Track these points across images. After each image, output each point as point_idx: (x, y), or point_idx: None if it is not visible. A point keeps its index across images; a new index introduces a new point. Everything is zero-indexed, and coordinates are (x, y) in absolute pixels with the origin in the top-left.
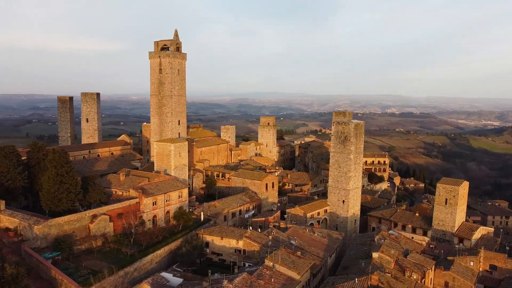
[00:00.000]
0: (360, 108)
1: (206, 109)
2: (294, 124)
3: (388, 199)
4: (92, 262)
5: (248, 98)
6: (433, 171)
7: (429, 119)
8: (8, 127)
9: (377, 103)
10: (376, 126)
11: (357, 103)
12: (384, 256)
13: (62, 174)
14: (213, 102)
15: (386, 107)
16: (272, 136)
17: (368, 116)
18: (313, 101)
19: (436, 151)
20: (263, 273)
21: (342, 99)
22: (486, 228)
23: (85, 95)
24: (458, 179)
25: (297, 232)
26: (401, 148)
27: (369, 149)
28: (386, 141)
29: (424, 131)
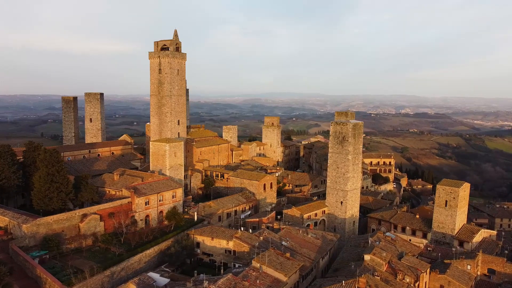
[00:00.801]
0: (374, 108)
1: (219, 110)
2: (307, 125)
3: (390, 201)
4: (80, 261)
5: (261, 98)
6: (447, 173)
7: (444, 120)
8: (24, 127)
9: (391, 103)
10: (389, 127)
11: (371, 103)
12: (376, 258)
13: (53, 174)
14: (226, 102)
15: (400, 107)
16: (276, 136)
17: (382, 116)
18: (326, 101)
19: (450, 152)
20: (248, 274)
21: (356, 99)
22: (488, 231)
23: (89, 95)
24: (459, 180)
25: (290, 233)
26: (414, 149)
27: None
28: (399, 142)
29: (439, 132)
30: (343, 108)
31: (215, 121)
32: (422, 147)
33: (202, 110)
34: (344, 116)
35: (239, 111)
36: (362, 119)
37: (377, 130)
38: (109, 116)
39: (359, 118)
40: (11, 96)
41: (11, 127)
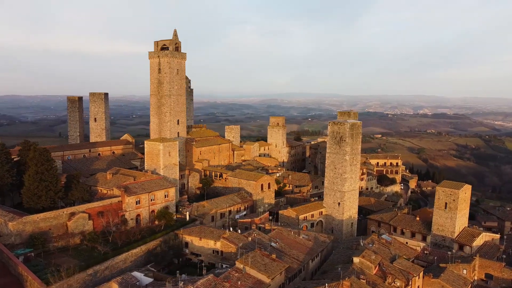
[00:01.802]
0: (391, 108)
1: (235, 110)
2: (322, 125)
3: (394, 202)
4: (65, 259)
5: (277, 98)
6: (464, 174)
7: (463, 121)
8: (44, 127)
9: (409, 103)
10: (406, 127)
11: (388, 103)
12: (365, 261)
13: (42, 172)
14: (242, 102)
15: (418, 107)
16: (282, 136)
17: (399, 117)
18: (342, 102)
19: (468, 154)
20: (231, 275)
21: (373, 100)
22: (490, 234)
23: (93, 95)
24: (459, 182)
25: (281, 234)
26: (431, 150)
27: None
28: (416, 143)
29: (457, 133)
30: (359, 108)
31: (231, 121)
32: (439, 148)
33: (218, 111)
34: (346, 116)
35: (254, 112)
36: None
37: (394, 131)
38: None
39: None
40: (32, 97)
41: (31, 127)
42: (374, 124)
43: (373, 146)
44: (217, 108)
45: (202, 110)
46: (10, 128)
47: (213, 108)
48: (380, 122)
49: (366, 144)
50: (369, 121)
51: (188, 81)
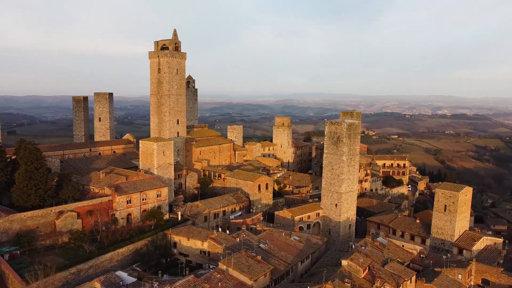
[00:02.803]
0: (409, 109)
1: (251, 110)
2: None
3: (397, 204)
4: (51, 258)
5: (293, 99)
6: (483, 176)
7: (483, 121)
8: (63, 126)
9: (428, 104)
10: (424, 128)
11: (406, 104)
12: (353, 264)
13: (32, 171)
14: (257, 103)
15: (437, 108)
16: (287, 136)
17: (417, 117)
18: (359, 102)
19: (488, 155)
20: (212, 277)
21: (390, 100)
22: (492, 238)
23: (98, 95)
24: (460, 184)
25: (272, 235)
26: (449, 151)
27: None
28: (434, 144)
29: (477, 134)
30: (377, 109)
31: (246, 121)
32: (457, 149)
33: (233, 111)
34: (349, 116)
35: (270, 112)
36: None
37: (411, 132)
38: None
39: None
40: (52, 97)
41: (50, 126)
42: (391, 124)
43: (389, 147)
44: (233, 108)
45: (218, 110)
46: (30, 128)
47: (229, 108)
48: (397, 122)
49: (381, 145)
50: (386, 121)
51: (192, 81)
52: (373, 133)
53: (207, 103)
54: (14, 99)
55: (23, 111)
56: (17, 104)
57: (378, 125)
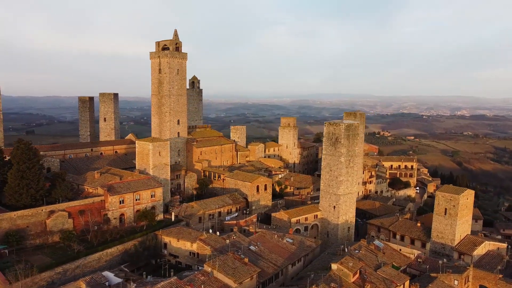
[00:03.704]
0: (427, 110)
1: (266, 111)
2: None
3: (401, 207)
4: (39, 257)
5: (309, 99)
6: (501, 178)
7: (504, 122)
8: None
9: (446, 105)
10: (442, 129)
11: (424, 104)
12: (343, 268)
13: (24, 170)
14: (273, 103)
15: (456, 109)
16: (293, 137)
17: (435, 118)
18: (376, 103)
19: (507, 157)
20: (196, 279)
21: (408, 101)
22: (495, 243)
23: (103, 95)
24: (461, 187)
25: (264, 237)
26: (466, 153)
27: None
28: (451, 145)
29: (496, 135)
30: (394, 109)
31: (261, 122)
32: (476, 151)
33: (249, 111)
34: (353, 117)
35: (286, 112)
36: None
37: (428, 133)
38: None
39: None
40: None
41: (69, 126)
42: (407, 125)
43: (404, 148)
44: (248, 109)
45: (233, 110)
46: (49, 128)
47: (244, 108)
48: (414, 123)
49: (397, 146)
50: (403, 122)
51: (197, 82)
52: (389, 134)
53: (222, 104)
54: (34, 99)
55: (42, 111)
56: (37, 104)
57: (395, 126)
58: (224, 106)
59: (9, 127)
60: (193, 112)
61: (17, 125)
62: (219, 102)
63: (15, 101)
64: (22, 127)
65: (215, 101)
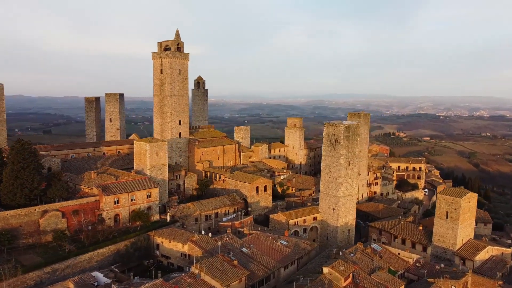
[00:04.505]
0: (445, 110)
1: (280, 111)
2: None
3: (406, 209)
4: (30, 256)
5: (324, 99)
6: None
7: None
8: None
9: (465, 105)
10: (459, 130)
11: (442, 105)
12: (334, 272)
13: (18, 170)
14: (288, 103)
15: (474, 109)
16: (299, 138)
17: (452, 119)
18: (392, 103)
19: None
20: (182, 281)
21: (425, 101)
22: (499, 248)
23: (109, 96)
24: (464, 189)
25: (258, 239)
26: (484, 154)
27: (445, 154)
28: (468, 146)
29: None
30: (410, 110)
31: (275, 122)
32: (494, 152)
33: (263, 112)
34: (357, 117)
35: (300, 113)
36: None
37: (445, 134)
38: None
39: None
40: None
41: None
42: (424, 126)
43: (419, 149)
44: (263, 109)
45: (248, 111)
46: (66, 128)
47: (259, 109)
48: (431, 124)
49: (412, 147)
50: (419, 123)
51: (202, 82)
52: (404, 134)
53: (237, 104)
54: (53, 99)
55: (60, 111)
56: (56, 104)
57: (411, 126)
58: (239, 107)
59: (28, 126)
60: (198, 113)
61: (35, 125)
62: (234, 102)
63: (34, 101)
64: (40, 127)
65: (230, 101)
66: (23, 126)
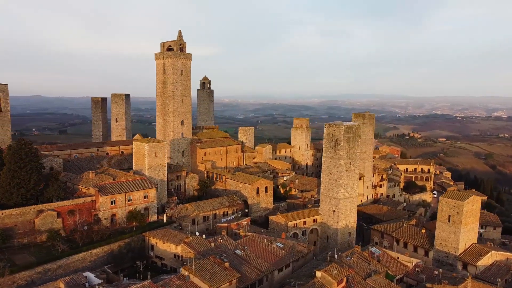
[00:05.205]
0: (462, 111)
1: (294, 111)
2: (384, 127)
3: (412, 212)
4: (23, 256)
5: (338, 100)
6: None
7: None
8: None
9: (482, 105)
10: (476, 131)
11: (458, 105)
12: (327, 276)
13: (15, 170)
14: (301, 104)
15: (492, 110)
16: (305, 138)
17: (469, 119)
18: (408, 103)
19: None
20: (170, 283)
21: (441, 101)
22: (504, 253)
23: (115, 96)
24: (467, 192)
25: (253, 241)
26: (501, 156)
27: (460, 156)
28: (485, 148)
29: None
30: (426, 110)
31: (288, 122)
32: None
33: (277, 112)
34: (361, 118)
35: (314, 113)
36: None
37: (462, 135)
38: None
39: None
40: None
41: None
42: (440, 127)
43: (434, 151)
44: (276, 109)
45: (261, 111)
46: (81, 127)
47: (272, 109)
48: (447, 125)
49: (427, 148)
50: (435, 124)
51: (208, 82)
52: (419, 135)
53: (251, 104)
54: (70, 100)
55: (77, 111)
56: (72, 104)
57: (427, 127)
58: (252, 107)
59: (45, 126)
60: (204, 113)
61: (52, 125)
62: (248, 102)
63: (51, 101)
64: (56, 126)
65: (244, 101)
66: (41, 126)
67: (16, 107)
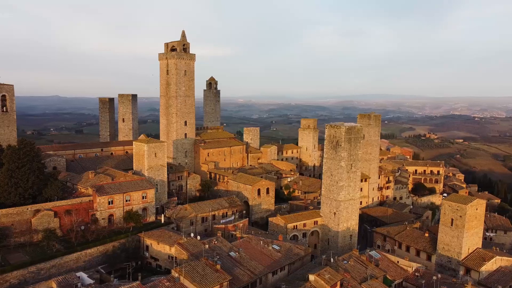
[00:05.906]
0: (480, 111)
1: (309, 111)
2: (400, 128)
3: (418, 215)
4: (18, 255)
5: (354, 100)
6: None
7: None
8: None
9: (502, 106)
10: (495, 132)
11: (477, 106)
12: (319, 280)
13: (13, 170)
14: (317, 104)
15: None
16: (313, 139)
17: (488, 120)
18: (425, 104)
19: None
20: (160, 284)
21: (459, 102)
22: (510, 259)
23: (122, 97)
24: (470, 196)
25: (249, 243)
26: None
27: (478, 157)
28: (504, 149)
29: None
30: (444, 111)
31: None
32: None
33: (291, 112)
34: (367, 119)
35: (329, 113)
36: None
37: (480, 136)
38: None
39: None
40: None
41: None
42: (458, 128)
43: (451, 152)
44: (291, 109)
45: (276, 111)
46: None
47: (287, 109)
48: (465, 125)
49: (443, 149)
50: (453, 124)
51: (214, 83)
52: (435, 136)
53: (265, 104)
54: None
55: (93, 111)
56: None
57: (444, 128)
58: (267, 107)
59: (62, 126)
60: (210, 113)
61: (69, 125)
62: (262, 103)
63: (69, 101)
64: (74, 126)
65: (259, 102)
66: (58, 125)
67: (36, 107)
